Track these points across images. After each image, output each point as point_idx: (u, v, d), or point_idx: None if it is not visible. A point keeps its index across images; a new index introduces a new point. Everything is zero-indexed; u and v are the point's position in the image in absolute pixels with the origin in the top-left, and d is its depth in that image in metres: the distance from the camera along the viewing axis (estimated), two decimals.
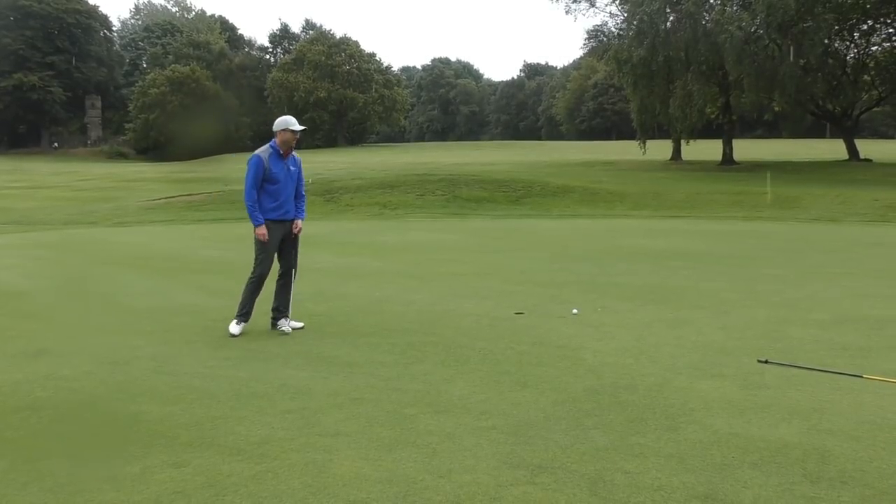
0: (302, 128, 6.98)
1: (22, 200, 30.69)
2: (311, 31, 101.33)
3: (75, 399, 4.95)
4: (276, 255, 7.05)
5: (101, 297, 9.16)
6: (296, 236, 7.07)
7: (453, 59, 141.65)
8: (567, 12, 53.06)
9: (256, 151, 6.91)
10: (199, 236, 16.85)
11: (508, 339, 6.40)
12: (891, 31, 38.31)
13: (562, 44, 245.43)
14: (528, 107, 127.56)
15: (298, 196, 7.09)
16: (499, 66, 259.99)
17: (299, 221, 7.09)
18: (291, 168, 6.98)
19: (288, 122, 6.92)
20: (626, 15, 37.92)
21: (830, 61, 36.02)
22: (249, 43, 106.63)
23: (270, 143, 6.93)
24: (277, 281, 7.06)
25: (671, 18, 35.43)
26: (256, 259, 6.97)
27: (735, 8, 33.68)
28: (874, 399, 4.69)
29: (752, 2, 31.93)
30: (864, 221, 18.69)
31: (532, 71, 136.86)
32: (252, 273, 6.96)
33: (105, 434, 4.38)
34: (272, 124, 6.93)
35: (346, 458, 3.86)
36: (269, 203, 6.87)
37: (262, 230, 6.84)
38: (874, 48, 39.77)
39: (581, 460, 3.80)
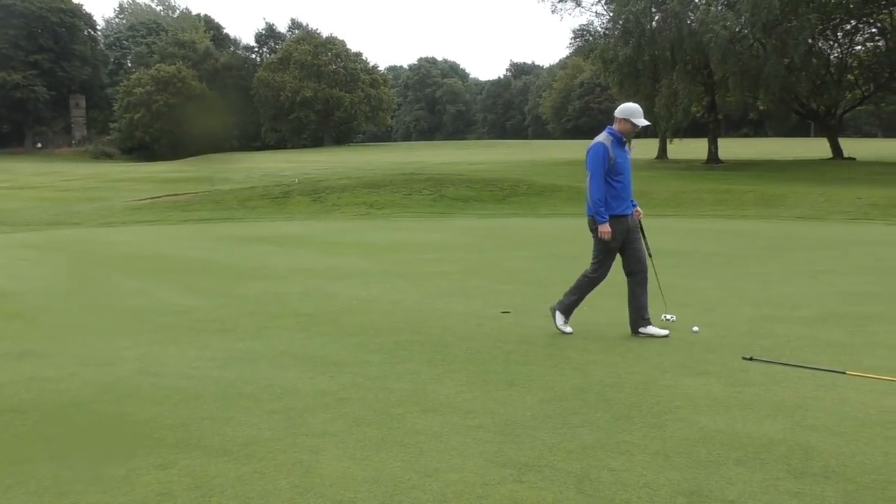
0: (646, 123, 6.45)
1: (5, 201, 30.43)
2: (297, 31, 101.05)
3: (60, 401, 4.91)
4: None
5: (86, 297, 9.10)
6: (635, 228, 6.46)
7: (440, 58, 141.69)
8: (553, 11, 53.35)
9: (597, 139, 6.32)
10: (184, 236, 16.77)
11: (495, 338, 6.40)
12: (874, 30, 38.66)
13: (548, 43, 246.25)
14: (514, 106, 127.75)
15: None
16: (485, 66, 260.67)
17: (639, 210, 6.55)
18: (629, 157, 6.45)
19: (633, 113, 6.30)
20: (611, 14, 38.04)
21: (814, 61, 36.27)
22: (235, 42, 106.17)
23: (607, 129, 6.36)
24: (629, 283, 6.48)
25: (657, 18, 35.58)
26: (597, 259, 6.39)
27: (720, 7, 33.88)
28: (857, 395, 4.73)
29: (736, 1, 32.14)
30: (847, 219, 18.84)
31: (518, 70, 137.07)
32: (592, 272, 6.42)
33: (90, 436, 4.36)
34: (259, 124, 6.79)
35: (333, 458, 3.86)
36: (610, 197, 6.24)
37: (607, 228, 6.22)
38: (857, 48, 40.18)
39: (568, 458, 3.82)
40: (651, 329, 6.39)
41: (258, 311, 7.77)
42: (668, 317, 6.68)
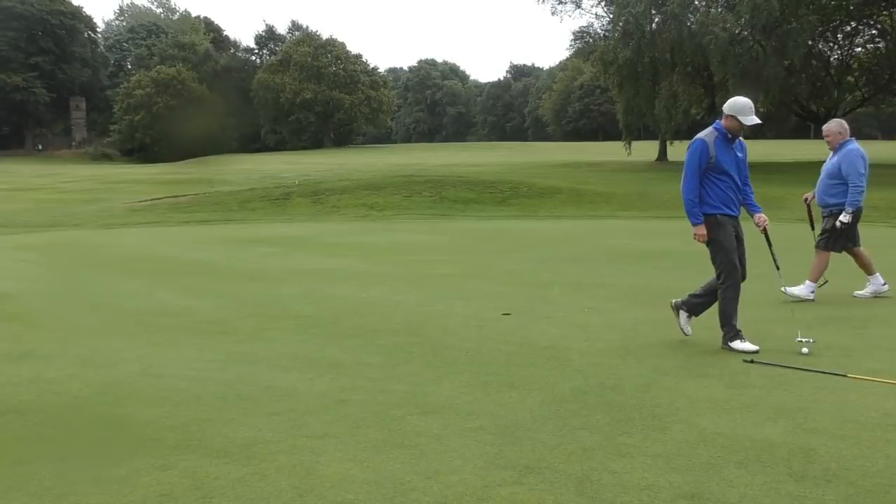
0: (757, 122, 5.90)
1: (5, 202, 30.42)
2: (297, 33, 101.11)
3: (60, 402, 4.91)
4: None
5: (86, 298, 9.10)
6: (741, 234, 6.12)
7: (440, 60, 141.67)
8: (553, 13, 53.27)
9: (700, 134, 6.00)
10: (184, 238, 16.77)
11: (495, 340, 6.40)
12: (874, 32, 38.66)
13: (548, 45, 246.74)
14: (514, 108, 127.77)
15: (745, 185, 6.12)
16: (485, 68, 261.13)
17: (763, 216, 6.16)
18: (739, 154, 6.03)
19: (742, 110, 5.82)
20: (611, 16, 38.10)
21: (814, 62, 36.33)
22: (235, 44, 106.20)
23: (714, 125, 6.02)
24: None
25: (656, 20, 35.63)
26: (720, 265, 6.00)
27: (720, 9, 33.94)
28: (858, 398, 4.72)
29: (736, 3, 32.18)
30: None
31: (518, 72, 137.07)
32: (722, 282, 5.97)
33: (90, 437, 4.35)
34: (258, 126, 6.68)
35: (334, 460, 3.85)
36: (715, 196, 5.92)
37: (702, 230, 5.97)
38: (857, 49, 40.17)
39: (568, 460, 3.81)
40: (739, 344, 5.92)
41: (258, 313, 7.77)
42: (805, 345, 5.81)
